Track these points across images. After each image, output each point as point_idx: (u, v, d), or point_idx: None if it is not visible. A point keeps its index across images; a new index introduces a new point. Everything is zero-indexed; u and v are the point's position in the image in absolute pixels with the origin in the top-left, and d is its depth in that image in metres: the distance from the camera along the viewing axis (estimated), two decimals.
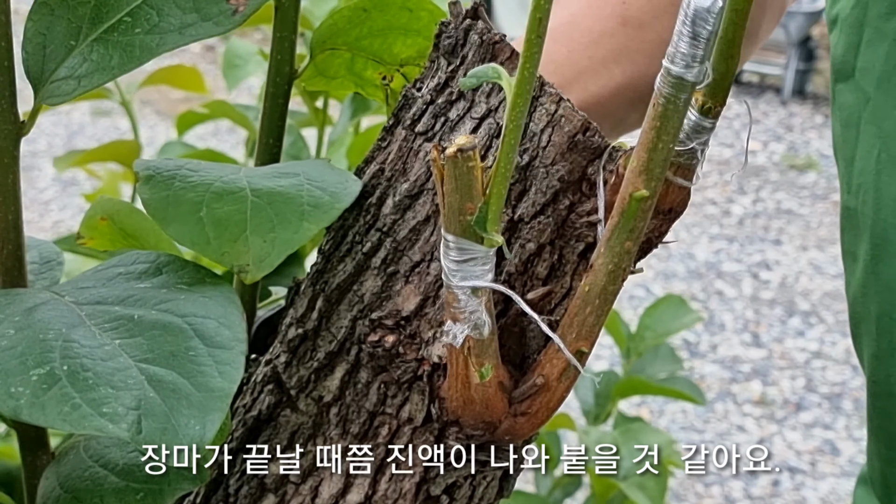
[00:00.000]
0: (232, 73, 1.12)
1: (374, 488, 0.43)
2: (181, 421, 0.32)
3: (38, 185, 4.00)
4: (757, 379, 3.05)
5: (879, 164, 0.58)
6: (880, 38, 0.58)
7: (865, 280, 0.61)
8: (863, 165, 0.60)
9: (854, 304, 0.64)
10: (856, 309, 0.64)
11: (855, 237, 0.62)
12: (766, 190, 4.22)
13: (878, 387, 0.61)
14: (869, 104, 0.59)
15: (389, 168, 0.44)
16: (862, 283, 0.61)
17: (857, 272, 0.62)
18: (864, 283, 0.61)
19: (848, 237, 0.63)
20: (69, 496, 0.40)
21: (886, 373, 0.60)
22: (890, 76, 0.58)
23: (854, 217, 0.61)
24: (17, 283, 0.41)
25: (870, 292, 0.60)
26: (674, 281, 3.53)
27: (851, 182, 0.61)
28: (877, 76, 0.58)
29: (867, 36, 0.59)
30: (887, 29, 0.58)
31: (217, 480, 0.47)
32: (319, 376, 0.44)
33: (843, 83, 0.61)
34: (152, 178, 0.40)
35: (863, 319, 0.62)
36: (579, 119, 0.41)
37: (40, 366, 0.33)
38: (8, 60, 0.39)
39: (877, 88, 0.58)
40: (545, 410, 0.40)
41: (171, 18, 0.40)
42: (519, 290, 0.41)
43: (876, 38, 0.59)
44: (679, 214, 0.41)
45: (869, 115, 0.59)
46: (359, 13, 0.48)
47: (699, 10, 0.33)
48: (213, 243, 0.38)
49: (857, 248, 0.62)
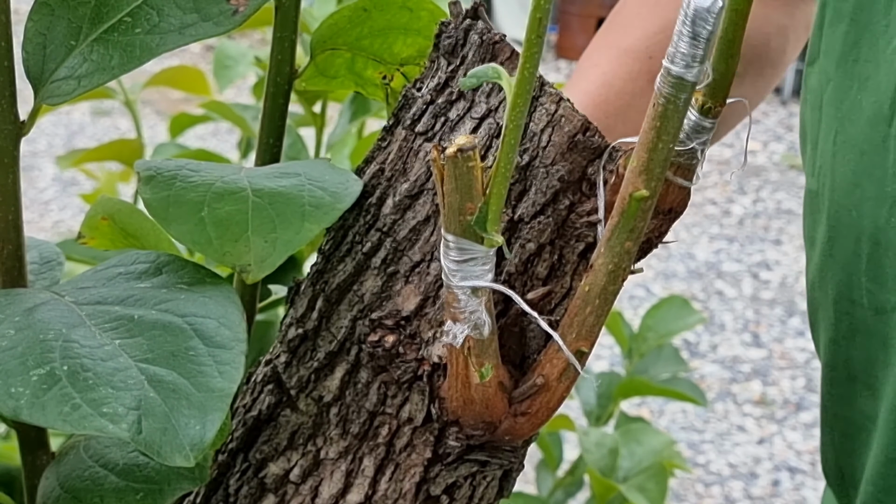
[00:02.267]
0: (223, 73, 1.12)
1: (374, 488, 0.43)
2: (181, 421, 0.32)
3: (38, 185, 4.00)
4: (757, 379, 3.05)
5: (836, 145, 0.58)
6: (839, 19, 0.58)
7: (823, 263, 0.60)
8: (823, 147, 0.59)
9: (812, 289, 0.63)
10: (814, 294, 0.63)
11: (815, 221, 0.61)
12: (766, 190, 4.22)
13: (835, 372, 0.61)
14: (829, 85, 0.59)
15: (389, 168, 0.44)
16: (819, 266, 0.61)
17: (815, 256, 0.61)
18: (822, 267, 0.60)
19: (808, 222, 0.63)
20: (69, 496, 0.40)
21: (846, 356, 0.59)
22: (847, 56, 0.57)
23: (815, 200, 0.61)
24: (17, 283, 0.41)
25: (827, 275, 0.60)
26: (674, 281, 3.53)
27: (815, 164, 0.61)
28: (836, 57, 0.58)
29: (828, 16, 0.59)
30: (844, 9, 0.57)
31: (217, 480, 0.47)
32: (319, 376, 0.44)
33: (811, 66, 0.61)
34: (153, 178, 0.40)
35: (820, 305, 0.62)
36: (579, 119, 0.41)
37: (40, 366, 0.33)
38: (8, 60, 0.39)
39: (836, 69, 0.58)
40: (545, 410, 0.40)
41: (172, 18, 0.40)
42: (519, 290, 0.41)
43: (835, 19, 0.58)
44: (679, 214, 0.41)
45: (829, 97, 0.59)
46: (359, 13, 0.48)
47: (699, 10, 0.33)
48: (215, 243, 0.38)
49: (815, 232, 0.61)
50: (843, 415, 0.61)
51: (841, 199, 0.57)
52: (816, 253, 0.61)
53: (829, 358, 0.61)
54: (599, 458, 1.18)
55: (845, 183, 0.57)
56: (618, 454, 1.19)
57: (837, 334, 0.60)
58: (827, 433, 0.64)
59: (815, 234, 0.61)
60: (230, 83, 1.12)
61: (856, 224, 0.56)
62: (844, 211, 0.57)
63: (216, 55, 1.13)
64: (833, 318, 0.60)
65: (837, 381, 0.61)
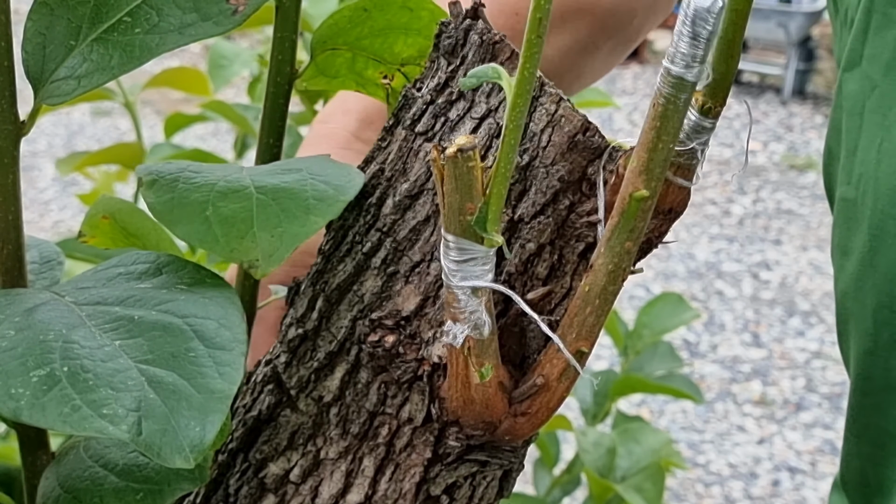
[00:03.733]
0: (217, 73, 1.12)
1: (374, 488, 0.43)
2: (181, 423, 0.32)
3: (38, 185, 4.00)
4: (757, 379, 3.06)
5: (881, 153, 0.57)
6: (888, 25, 0.57)
7: (861, 273, 0.60)
8: (864, 155, 0.59)
9: (844, 299, 0.63)
10: (846, 304, 0.63)
11: (849, 230, 0.61)
12: (766, 190, 4.22)
13: (871, 382, 0.61)
14: (875, 92, 0.58)
15: (389, 168, 0.44)
16: (857, 276, 0.60)
17: (850, 266, 0.61)
18: (860, 277, 0.60)
19: (841, 231, 0.63)
20: (69, 496, 0.40)
21: (885, 366, 0.59)
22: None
23: (852, 208, 0.61)
24: (17, 283, 0.41)
25: (865, 285, 0.59)
26: (674, 281, 3.53)
27: (853, 172, 0.60)
28: (884, 63, 0.58)
29: (875, 23, 0.58)
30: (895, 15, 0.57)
31: (217, 480, 0.47)
32: (319, 376, 0.44)
33: (850, 72, 0.61)
34: (156, 181, 0.40)
35: (853, 315, 0.62)
36: (579, 119, 0.41)
37: (40, 367, 0.33)
38: (8, 60, 0.39)
39: (884, 76, 0.58)
40: (545, 410, 0.40)
41: (171, 18, 0.40)
42: (519, 290, 0.41)
43: (884, 25, 0.58)
44: (679, 214, 0.41)
45: (874, 104, 0.59)
46: (360, 13, 0.48)
47: (699, 10, 0.33)
48: (222, 241, 0.38)
49: (852, 241, 0.61)
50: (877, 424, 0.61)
51: (886, 207, 0.57)
52: (852, 262, 0.61)
53: (864, 368, 0.61)
54: (597, 458, 1.18)
55: (892, 192, 0.57)
56: (615, 454, 1.18)
57: (876, 345, 0.59)
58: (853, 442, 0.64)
59: (851, 244, 0.61)
60: (225, 83, 1.12)
61: None
62: (891, 220, 0.57)
63: (210, 55, 1.13)
64: (872, 329, 0.59)
65: (873, 391, 0.61)
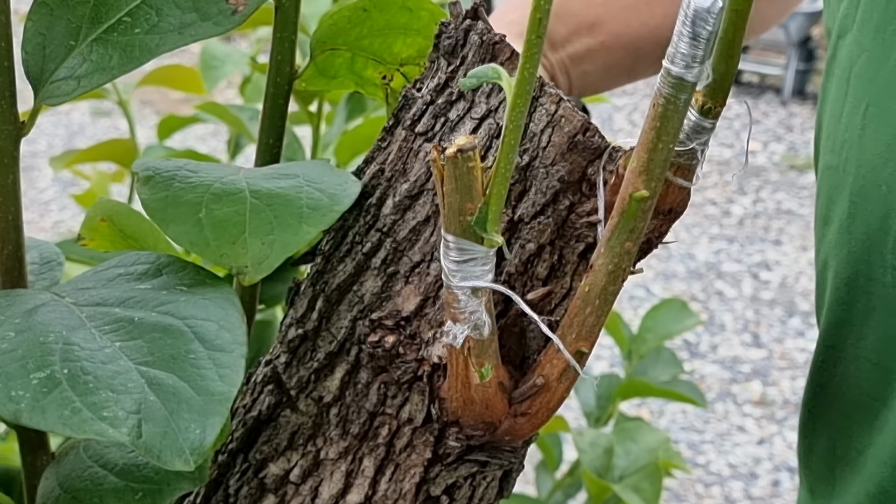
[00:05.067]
0: (209, 73, 1.12)
1: (374, 488, 0.43)
2: (181, 425, 0.32)
3: (38, 185, 4.00)
4: (757, 379, 3.06)
5: (866, 118, 0.56)
6: None
7: (839, 240, 0.59)
8: (849, 121, 0.58)
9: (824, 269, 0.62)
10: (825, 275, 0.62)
11: (831, 199, 0.60)
12: (766, 190, 4.22)
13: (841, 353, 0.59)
14: (863, 56, 0.57)
15: (389, 168, 0.44)
16: (835, 244, 0.59)
17: (830, 234, 0.60)
18: (838, 244, 0.59)
19: (823, 200, 0.61)
20: (69, 496, 0.40)
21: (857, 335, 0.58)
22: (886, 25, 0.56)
23: (834, 176, 0.59)
24: (17, 283, 0.41)
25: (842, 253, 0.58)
26: (674, 281, 3.53)
27: (836, 139, 0.59)
28: (874, 26, 0.56)
29: None
30: None
31: (217, 480, 0.47)
32: (319, 376, 0.44)
33: (842, 39, 0.60)
34: (152, 178, 0.40)
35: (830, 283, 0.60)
36: (579, 119, 0.40)
37: (41, 369, 0.33)
38: (8, 60, 0.39)
39: (873, 39, 0.56)
40: (545, 411, 0.40)
41: (171, 18, 0.40)
42: (519, 290, 0.41)
43: None
44: (679, 215, 0.41)
45: (860, 68, 0.57)
46: (359, 13, 0.47)
47: (699, 10, 0.33)
48: (212, 245, 0.38)
49: (832, 210, 0.60)
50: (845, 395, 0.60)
51: (869, 174, 0.56)
52: (832, 230, 0.60)
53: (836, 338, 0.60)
54: (594, 458, 1.18)
55: (876, 157, 0.55)
56: (613, 454, 1.18)
57: (850, 314, 0.58)
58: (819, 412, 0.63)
59: (831, 213, 0.60)
60: (217, 83, 1.12)
61: (884, 200, 0.55)
62: (873, 186, 0.56)
63: (202, 56, 1.13)
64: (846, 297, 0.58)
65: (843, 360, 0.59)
